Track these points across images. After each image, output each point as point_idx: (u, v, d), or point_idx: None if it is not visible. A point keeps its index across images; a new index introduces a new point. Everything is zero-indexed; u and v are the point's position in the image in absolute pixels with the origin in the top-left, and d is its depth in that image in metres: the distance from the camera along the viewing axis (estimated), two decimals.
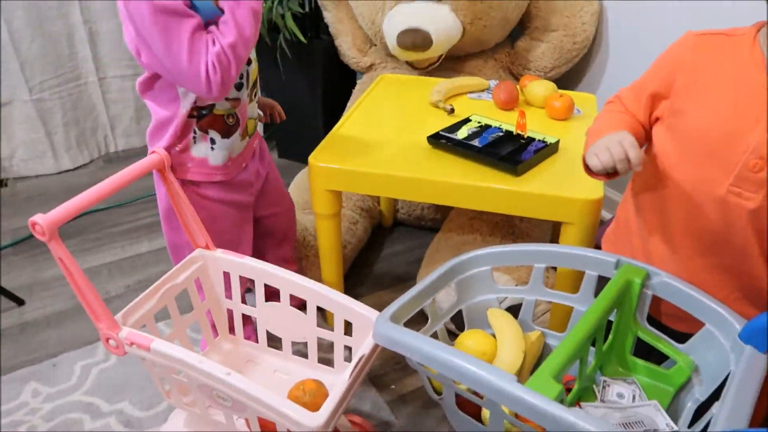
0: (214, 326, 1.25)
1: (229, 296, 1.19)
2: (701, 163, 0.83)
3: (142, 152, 2.34)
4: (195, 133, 1.07)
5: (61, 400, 1.27)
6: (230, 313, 1.21)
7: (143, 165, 1.02)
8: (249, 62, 1.08)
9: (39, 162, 2.17)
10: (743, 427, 0.68)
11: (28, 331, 1.47)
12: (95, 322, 0.95)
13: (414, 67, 1.66)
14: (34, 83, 2.06)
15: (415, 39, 1.51)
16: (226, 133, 1.09)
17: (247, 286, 1.21)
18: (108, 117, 2.28)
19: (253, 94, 1.14)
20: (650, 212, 0.94)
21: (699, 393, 0.86)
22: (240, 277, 1.15)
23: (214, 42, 0.94)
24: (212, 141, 1.08)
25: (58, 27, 2.04)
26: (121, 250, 1.77)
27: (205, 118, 1.06)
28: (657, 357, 0.93)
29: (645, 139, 0.94)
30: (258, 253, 1.36)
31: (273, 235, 1.37)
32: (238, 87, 1.07)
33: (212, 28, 0.97)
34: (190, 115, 1.05)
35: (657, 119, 0.91)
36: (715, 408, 0.74)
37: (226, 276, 1.16)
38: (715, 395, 0.81)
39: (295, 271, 1.32)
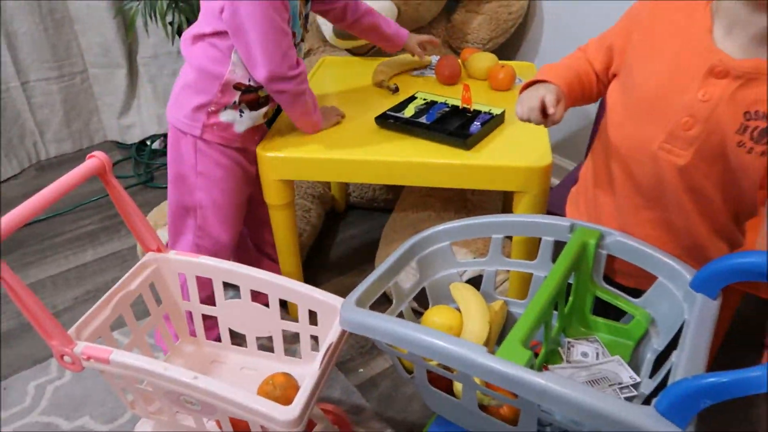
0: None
1: (187, 298, 1.15)
2: (641, 119, 0.85)
3: (75, 157, 2.24)
4: (234, 102, 1.15)
5: (17, 422, 1.21)
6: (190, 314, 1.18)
7: (83, 170, 0.96)
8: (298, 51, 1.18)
9: None
10: (701, 371, 0.71)
11: None
12: (47, 341, 0.91)
13: (354, 53, 1.64)
14: None
15: None
16: (254, 108, 1.18)
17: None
18: (35, 123, 2.15)
19: None
20: (600, 167, 0.97)
21: (657, 344, 0.89)
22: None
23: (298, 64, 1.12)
24: (241, 111, 1.17)
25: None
26: (65, 260, 1.69)
27: (249, 94, 1.15)
28: (615, 314, 0.96)
29: (597, 89, 0.96)
30: (254, 238, 1.44)
31: (265, 221, 1.36)
32: None
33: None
34: (236, 87, 1.13)
35: (614, 75, 0.93)
36: (674, 356, 0.77)
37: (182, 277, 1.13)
38: (672, 344, 0.84)
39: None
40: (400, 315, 0.99)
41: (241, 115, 1.18)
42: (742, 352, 1.15)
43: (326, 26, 1.55)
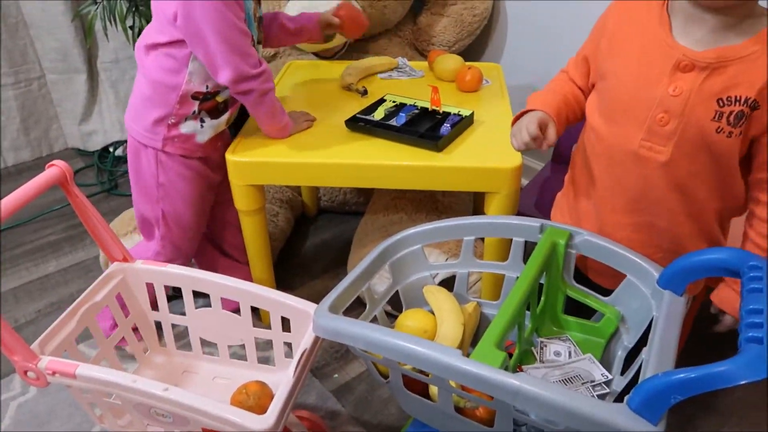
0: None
1: (155, 307, 1.13)
2: (618, 120, 0.88)
3: (35, 166, 2.17)
4: (193, 112, 1.14)
5: None
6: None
7: (42, 180, 0.93)
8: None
9: None
10: (671, 367, 0.72)
11: None
12: (9, 356, 0.88)
13: (321, 56, 1.63)
14: None
15: None
16: (215, 115, 1.17)
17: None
18: None
19: None
20: (580, 174, 0.99)
21: (627, 340, 0.91)
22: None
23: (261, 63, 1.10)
24: (202, 120, 1.16)
25: None
26: (26, 272, 1.64)
27: (207, 101, 1.14)
28: (585, 312, 0.98)
29: (584, 102, 0.99)
30: (213, 244, 1.42)
31: (231, 224, 1.36)
32: None
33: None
34: (194, 96, 1.12)
35: (593, 85, 0.96)
36: (644, 353, 0.79)
37: (150, 287, 1.10)
38: (642, 340, 0.86)
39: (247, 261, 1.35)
40: (374, 319, 0.99)
41: (202, 125, 1.16)
42: (705, 346, 1.18)
43: None
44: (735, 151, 0.81)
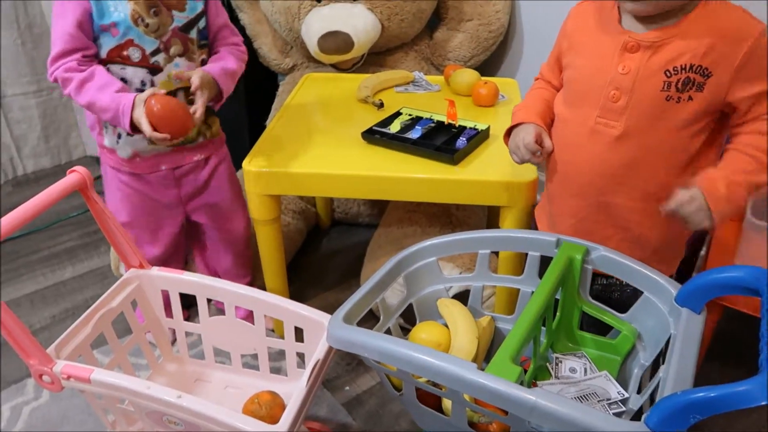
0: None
1: (170, 315, 1.13)
2: (577, 104, 0.96)
3: (53, 173, 2.20)
4: (105, 124, 1.14)
5: None
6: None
7: (63, 185, 0.95)
8: (154, 72, 1.11)
9: None
10: (689, 386, 0.71)
11: None
12: (25, 359, 0.88)
13: (338, 68, 1.65)
14: None
15: (337, 42, 1.49)
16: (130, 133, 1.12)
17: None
18: (12, 138, 2.11)
19: None
20: (551, 160, 1.03)
21: (644, 358, 0.90)
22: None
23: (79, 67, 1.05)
24: (119, 135, 1.15)
25: None
26: (42, 278, 1.65)
27: None
28: (602, 328, 0.97)
29: None
30: (201, 259, 1.41)
31: (214, 244, 1.35)
32: (140, 93, 1.09)
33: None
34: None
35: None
36: (662, 371, 0.78)
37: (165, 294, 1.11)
38: (659, 359, 0.85)
39: (247, 283, 1.32)
40: (388, 331, 0.99)
41: (118, 141, 1.15)
42: (722, 365, 1.17)
43: (310, 41, 1.55)
44: (687, 113, 0.86)
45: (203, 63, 1.17)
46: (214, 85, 1.14)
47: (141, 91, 1.09)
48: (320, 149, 1.22)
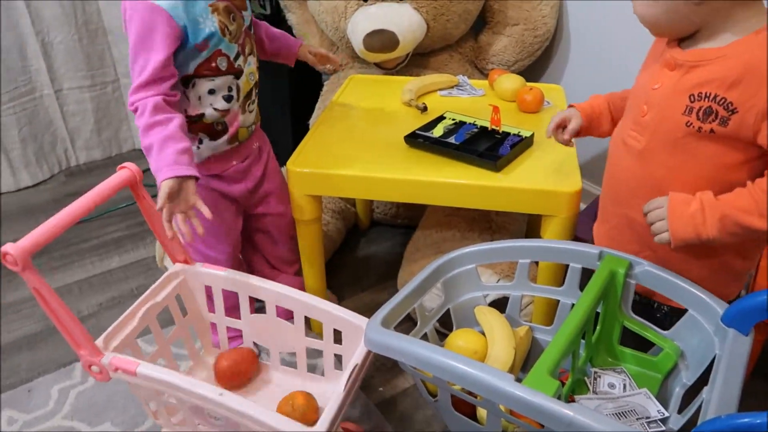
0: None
1: (212, 310, 1.16)
2: (625, 114, 0.96)
3: (103, 165, 2.28)
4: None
5: (39, 426, 1.22)
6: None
7: (115, 181, 0.98)
8: (238, 75, 1.12)
9: None
10: (734, 410, 0.69)
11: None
12: (76, 350, 0.92)
13: (382, 67, 1.65)
14: None
15: (383, 40, 1.50)
16: (214, 137, 1.15)
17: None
18: (67, 130, 2.20)
19: (247, 104, 1.17)
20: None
21: (686, 378, 0.88)
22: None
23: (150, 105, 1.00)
24: (200, 141, 1.14)
25: (8, 40, 1.96)
26: (91, 266, 1.72)
27: (196, 124, 1.12)
28: (643, 345, 0.95)
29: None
30: (254, 250, 1.41)
31: (268, 235, 1.37)
32: (227, 99, 1.12)
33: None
34: (184, 128, 1.07)
35: None
36: (705, 392, 0.76)
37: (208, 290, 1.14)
38: (702, 379, 0.83)
39: (295, 272, 1.36)
40: (424, 337, 0.99)
41: (198, 147, 1.14)
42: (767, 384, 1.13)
43: (356, 39, 1.56)
44: (706, 147, 0.82)
45: (256, 54, 1.19)
46: None
47: (230, 98, 1.11)
48: (363, 152, 1.23)
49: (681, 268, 0.90)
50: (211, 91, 1.09)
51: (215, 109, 1.11)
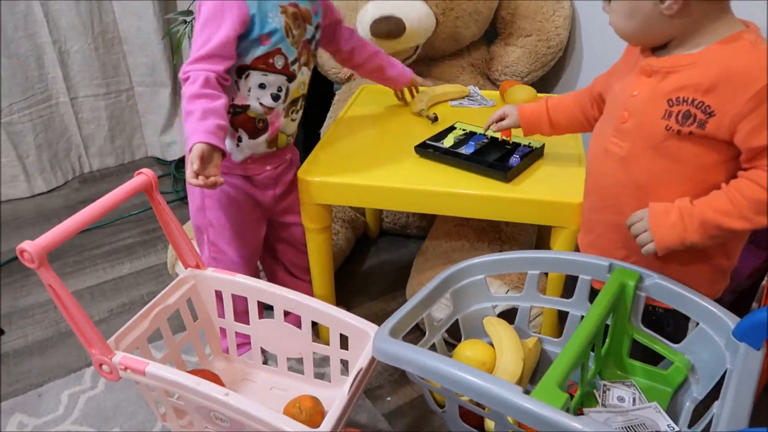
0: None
1: (222, 314, 1.17)
2: (602, 122, 0.98)
3: (117, 171, 2.31)
4: (229, 127, 1.11)
5: (49, 430, 1.23)
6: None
7: (132, 186, 1.00)
8: (291, 79, 1.15)
9: (11, 186, 2.11)
10: (745, 426, 0.69)
11: (9, 361, 1.42)
12: (87, 348, 0.93)
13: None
14: (3, 106, 2.01)
15: (389, 26, 1.50)
16: (254, 135, 1.16)
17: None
18: (81, 137, 2.23)
19: (291, 111, 1.20)
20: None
21: (697, 392, 0.87)
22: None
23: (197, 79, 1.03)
24: (239, 139, 1.16)
25: (25, 48, 2.00)
26: (102, 272, 1.73)
27: (239, 116, 1.14)
28: (653, 358, 0.94)
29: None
30: (275, 259, 1.42)
31: (291, 244, 1.37)
32: (275, 98, 1.14)
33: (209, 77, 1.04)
34: (227, 110, 1.09)
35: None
36: (716, 407, 0.75)
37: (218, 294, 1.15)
38: (713, 393, 0.82)
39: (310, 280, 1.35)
40: (433, 347, 0.99)
41: (238, 144, 1.16)
42: None
43: (363, 28, 1.55)
44: (686, 150, 0.84)
45: (313, 71, 1.23)
46: None
47: (277, 97, 1.14)
48: (373, 161, 1.24)
49: (668, 268, 0.93)
50: (262, 86, 1.12)
51: (261, 104, 1.13)
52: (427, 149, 1.24)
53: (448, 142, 1.27)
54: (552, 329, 1.21)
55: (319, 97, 1.98)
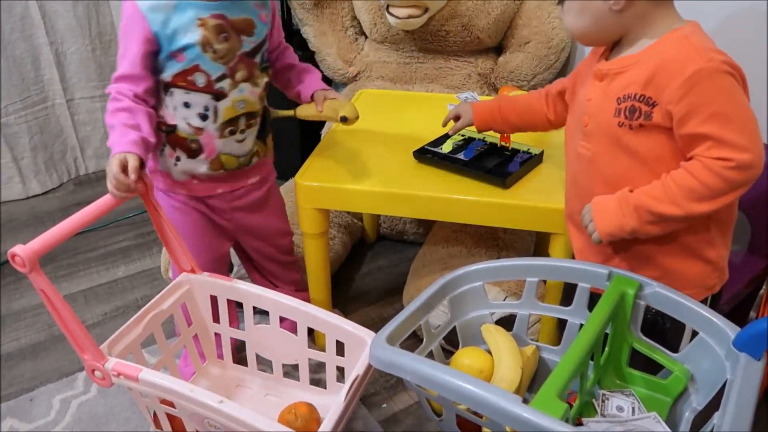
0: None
1: (216, 320, 1.16)
2: (571, 128, 1.01)
3: None
4: (164, 145, 1.11)
5: None
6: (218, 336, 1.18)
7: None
8: (218, 97, 1.06)
9: (6, 188, 2.10)
10: None
11: (1, 365, 1.41)
12: (80, 354, 0.92)
13: (396, 16, 1.60)
14: None
15: None
16: (191, 155, 1.11)
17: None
18: (77, 139, 2.21)
19: (228, 131, 1.10)
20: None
21: (696, 402, 0.86)
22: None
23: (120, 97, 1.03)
24: (177, 158, 1.11)
25: (22, 50, 1.98)
26: (96, 275, 1.72)
27: (171, 135, 1.10)
28: (652, 367, 0.94)
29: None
30: (253, 268, 1.37)
31: (271, 259, 1.33)
32: (202, 117, 1.07)
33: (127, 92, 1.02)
34: (159, 128, 1.08)
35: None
36: (716, 418, 0.74)
37: (213, 299, 1.13)
38: (713, 403, 0.81)
39: (296, 290, 1.33)
40: (430, 354, 0.98)
41: (176, 163, 1.11)
42: None
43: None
44: (638, 142, 0.87)
45: (265, 86, 1.14)
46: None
47: (204, 116, 1.07)
48: (371, 166, 1.23)
49: (651, 265, 0.94)
50: (186, 105, 1.06)
51: (189, 124, 1.08)
52: (425, 154, 1.24)
53: (446, 147, 1.27)
54: (550, 337, 1.20)
55: None
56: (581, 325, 0.93)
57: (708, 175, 0.80)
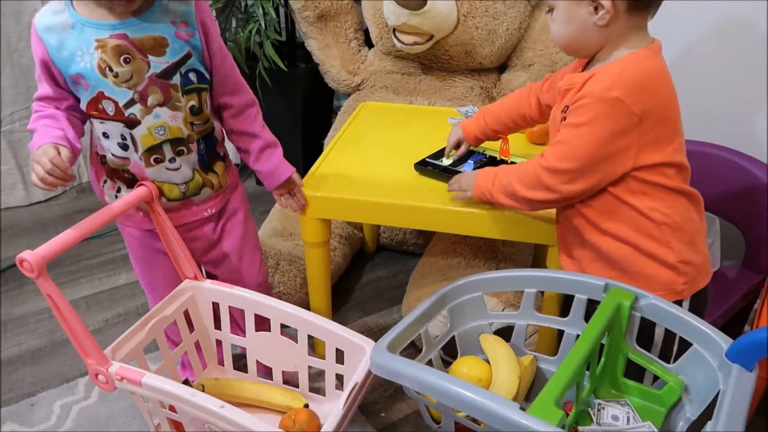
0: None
1: (218, 327, 1.17)
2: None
3: None
4: (105, 175, 1.07)
5: None
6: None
7: (133, 197, 1.01)
8: (131, 125, 0.98)
9: (9, 194, 2.11)
10: None
11: (3, 369, 1.42)
12: (84, 358, 0.93)
13: (402, 41, 1.62)
14: (4, 115, 2.02)
15: None
16: (129, 185, 1.05)
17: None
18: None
19: (155, 160, 1.02)
20: None
21: (690, 412, 0.88)
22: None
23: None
24: (118, 189, 1.06)
25: (27, 58, 2.01)
26: (99, 282, 1.73)
27: (105, 166, 1.06)
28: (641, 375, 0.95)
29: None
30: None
31: (247, 284, 1.22)
32: (123, 147, 1.00)
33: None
34: (99, 160, 1.06)
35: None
36: (709, 427, 0.76)
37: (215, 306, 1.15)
38: (706, 414, 0.83)
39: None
40: (429, 363, 1.00)
41: (116, 196, 1.06)
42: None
43: (387, 8, 1.58)
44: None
45: (192, 110, 1.02)
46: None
47: (125, 146, 1.00)
48: (373, 177, 1.25)
49: (615, 269, 0.97)
50: (105, 135, 1.00)
51: (113, 154, 1.02)
52: (426, 167, 1.26)
53: (447, 160, 1.29)
54: (548, 347, 1.21)
55: (319, 109, 1.99)
56: (578, 335, 0.95)
57: (531, 167, 0.95)
